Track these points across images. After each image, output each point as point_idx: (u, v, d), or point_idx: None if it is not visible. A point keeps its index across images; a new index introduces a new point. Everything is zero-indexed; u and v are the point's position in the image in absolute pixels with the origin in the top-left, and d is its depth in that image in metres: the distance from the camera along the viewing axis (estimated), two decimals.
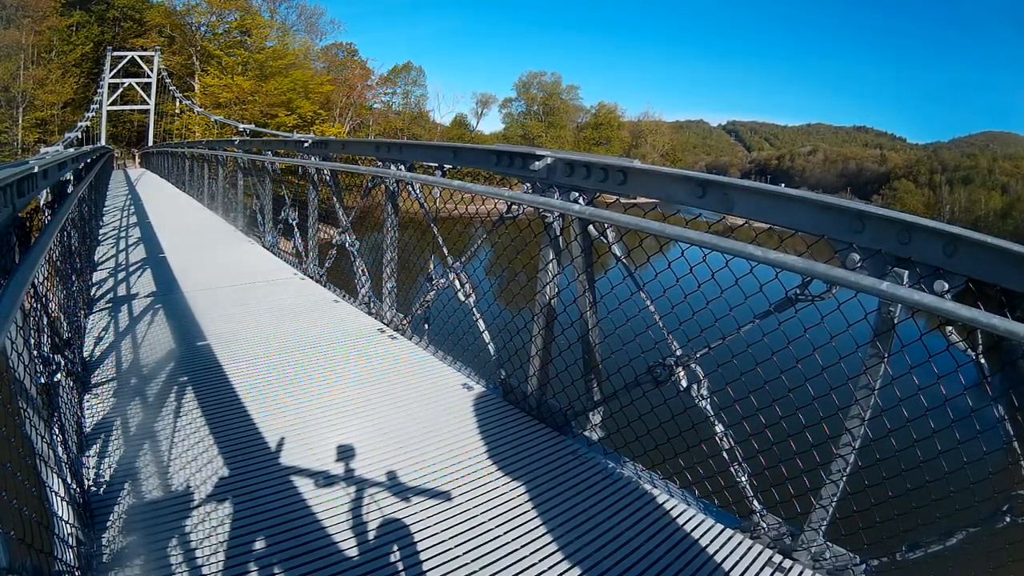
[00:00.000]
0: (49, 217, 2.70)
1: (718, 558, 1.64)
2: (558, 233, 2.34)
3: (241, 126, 14.37)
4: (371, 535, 1.67)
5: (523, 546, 1.66)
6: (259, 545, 1.59)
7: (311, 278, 4.78)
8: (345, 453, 2.08)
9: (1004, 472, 1.31)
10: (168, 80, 31.38)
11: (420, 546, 1.63)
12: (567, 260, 2.35)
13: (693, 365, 1.90)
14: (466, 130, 52.41)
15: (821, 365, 1.61)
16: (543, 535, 1.70)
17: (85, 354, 2.91)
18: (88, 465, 1.92)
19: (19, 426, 1.34)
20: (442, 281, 3.11)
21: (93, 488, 1.81)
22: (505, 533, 1.71)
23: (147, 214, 8.92)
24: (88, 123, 26.95)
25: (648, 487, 1.95)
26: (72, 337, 2.62)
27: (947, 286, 1.32)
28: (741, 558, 1.65)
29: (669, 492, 1.94)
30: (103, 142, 26.57)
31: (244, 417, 2.31)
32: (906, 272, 1.37)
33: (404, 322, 3.46)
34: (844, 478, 1.55)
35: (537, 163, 2.28)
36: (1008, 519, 1.28)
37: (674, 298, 1.95)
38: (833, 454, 1.57)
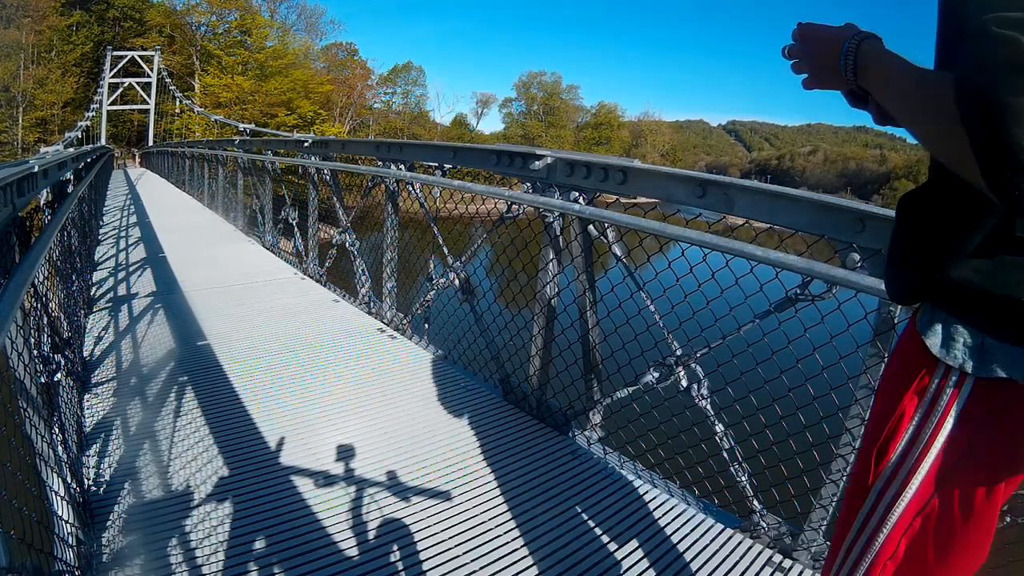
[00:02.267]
0: (49, 217, 2.70)
1: (718, 558, 1.64)
2: (558, 233, 2.34)
3: (241, 126, 14.40)
4: (371, 535, 1.67)
5: (523, 546, 1.65)
6: (259, 545, 1.59)
7: (311, 278, 4.78)
8: (345, 453, 2.08)
9: None
10: (168, 80, 31.40)
11: (420, 546, 1.63)
12: (567, 260, 2.35)
13: (693, 365, 1.90)
14: (466, 130, 52.47)
15: (821, 365, 1.60)
16: (543, 535, 1.70)
17: (85, 354, 2.91)
18: (88, 465, 1.92)
19: (19, 426, 1.34)
20: (442, 281, 3.11)
21: (93, 488, 1.81)
22: (505, 533, 1.71)
23: (147, 214, 8.92)
24: (88, 123, 26.97)
25: (648, 487, 1.95)
26: (72, 337, 2.62)
27: None
28: (741, 558, 1.65)
29: (669, 492, 1.94)
30: (103, 142, 26.56)
31: (244, 417, 2.31)
32: None
33: (404, 322, 3.46)
34: (844, 478, 1.55)
35: (537, 163, 2.28)
36: (1008, 519, 1.28)
37: (674, 298, 1.95)
38: (833, 454, 1.57)
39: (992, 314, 0.64)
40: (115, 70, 30.72)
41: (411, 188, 3.33)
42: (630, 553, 1.64)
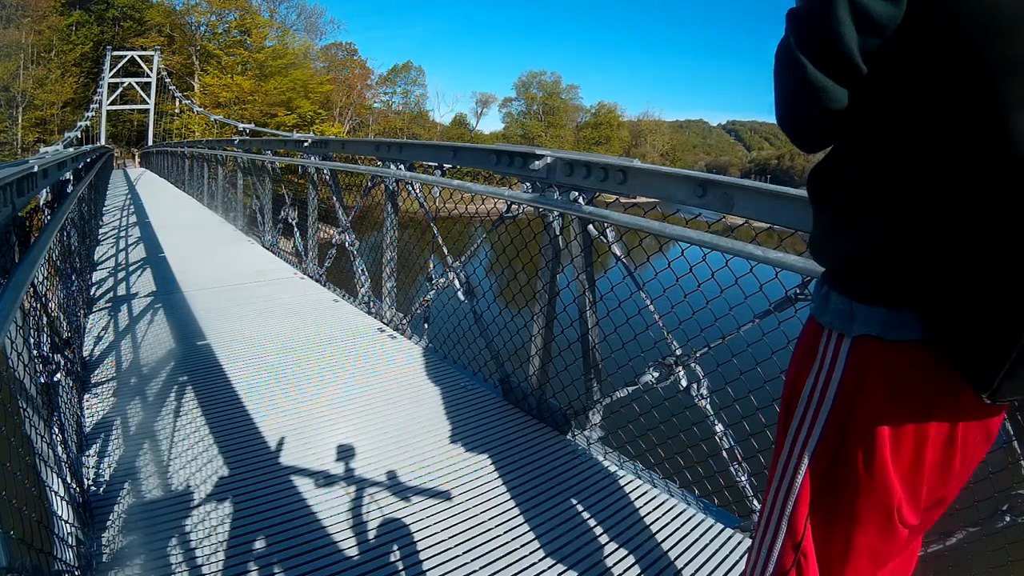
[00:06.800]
0: (49, 216, 2.70)
1: (718, 558, 1.64)
2: (558, 232, 2.34)
3: (241, 126, 14.35)
4: (371, 535, 1.67)
5: (523, 546, 1.66)
6: (259, 545, 1.60)
7: (311, 278, 4.78)
8: (345, 453, 2.08)
9: (1004, 472, 1.31)
10: (168, 80, 31.39)
11: (420, 546, 1.63)
12: (567, 260, 2.35)
13: (693, 365, 1.90)
14: (466, 129, 52.49)
15: None
16: (543, 535, 1.70)
17: (85, 354, 2.91)
18: (88, 465, 1.92)
19: (19, 426, 1.34)
20: (442, 281, 3.11)
21: (93, 488, 1.81)
22: (505, 533, 1.71)
23: (147, 214, 8.92)
24: (88, 123, 26.94)
25: (648, 487, 1.95)
26: (72, 337, 2.62)
27: None
28: (741, 558, 1.65)
29: (669, 492, 1.94)
30: (103, 142, 26.58)
31: (244, 417, 2.31)
32: None
33: (404, 322, 3.46)
34: None
35: (537, 162, 2.28)
36: (1008, 519, 1.28)
37: (674, 298, 1.95)
38: None
39: (854, 279, 0.74)
40: (115, 70, 30.70)
41: (411, 188, 3.33)
42: (630, 553, 1.64)
